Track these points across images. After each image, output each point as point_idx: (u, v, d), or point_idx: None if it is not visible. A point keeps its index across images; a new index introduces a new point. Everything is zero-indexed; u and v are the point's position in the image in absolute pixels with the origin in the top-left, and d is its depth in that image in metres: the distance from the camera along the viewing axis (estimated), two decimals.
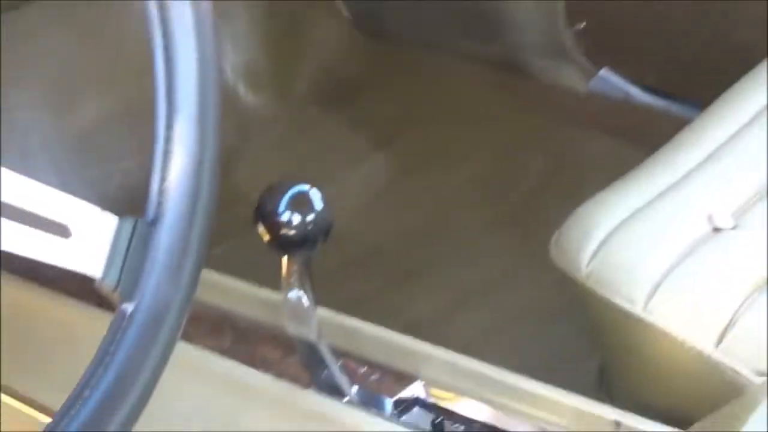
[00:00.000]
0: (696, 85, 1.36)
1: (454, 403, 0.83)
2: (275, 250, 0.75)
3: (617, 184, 1.03)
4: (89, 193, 0.61)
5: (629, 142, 1.41)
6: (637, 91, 1.52)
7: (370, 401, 0.84)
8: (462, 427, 0.81)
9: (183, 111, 0.61)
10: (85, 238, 0.59)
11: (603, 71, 1.54)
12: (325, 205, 0.73)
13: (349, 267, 1.37)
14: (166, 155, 0.61)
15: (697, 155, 1.04)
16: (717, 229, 0.97)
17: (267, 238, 0.73)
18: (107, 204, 0.61)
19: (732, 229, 0.97)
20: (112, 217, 0.60)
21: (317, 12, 1.74)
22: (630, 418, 0.78)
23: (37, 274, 0.97)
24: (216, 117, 0.62)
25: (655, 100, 1.51)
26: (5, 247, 0.56)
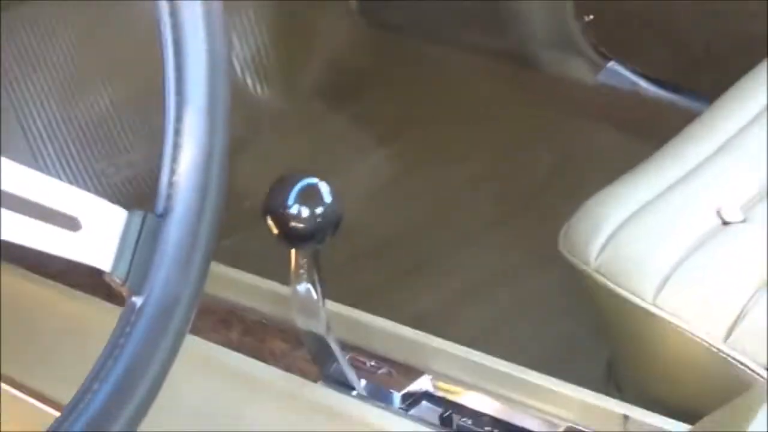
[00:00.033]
0: (704, 77, 1.36)
1: (462, 397, 0.83)
2: (284, 243, 0.74)
3: (626, 177, 1.03)
4: (96, 185, 0.61)
5: (637, 134, 1.40)
6: (645, 84, 1.52)
7: (378, 395, 0.83)
8: (470, 421, 0.81)
9: (193, 103, 0.61)
10: (94, 231, 0.59)
11: (611, 63, 1.54)
12: (334, 198, 0.72)
13: (358, 260, 1.36)
14: (176, 148, 0.61)
15: (707, 148, 1.04)
16: (726, 223, 0.96)
17: (276, 231, 0.73)
18: (113, 196, 0.61)
19: (741, 222, 0.96)
20: (121, 210, 0.60)
21: (324, 3, 1.74)
22: (638, 412, 0.77)
23: (47, 267, 0.97)
24: (226, 109, 0.62)
25: (663, 93, 1.50)
26: (15, 240, 0.56)
